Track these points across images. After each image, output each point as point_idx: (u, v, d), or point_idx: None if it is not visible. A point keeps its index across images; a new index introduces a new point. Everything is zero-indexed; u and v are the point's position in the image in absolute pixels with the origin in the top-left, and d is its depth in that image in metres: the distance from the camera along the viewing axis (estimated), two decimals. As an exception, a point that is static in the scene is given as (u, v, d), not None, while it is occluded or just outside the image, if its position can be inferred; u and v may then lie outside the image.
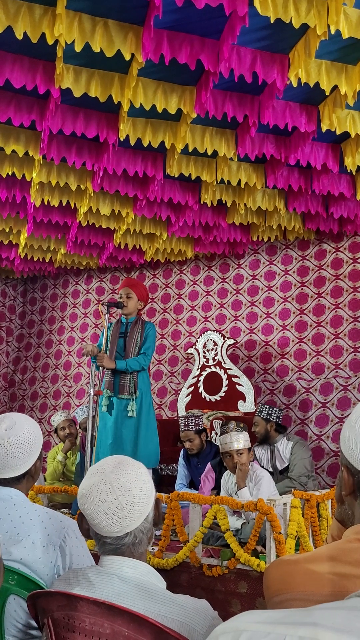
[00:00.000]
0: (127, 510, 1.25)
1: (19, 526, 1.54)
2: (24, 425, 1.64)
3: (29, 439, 1.64)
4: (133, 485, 1.27)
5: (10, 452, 1.60)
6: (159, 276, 6.64)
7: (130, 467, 1.31)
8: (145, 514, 1.28)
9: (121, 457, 1.35)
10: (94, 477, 1.29)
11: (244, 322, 6.01)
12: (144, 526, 1.28)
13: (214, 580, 2.94)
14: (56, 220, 5.08)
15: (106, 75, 3.24)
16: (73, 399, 6.84)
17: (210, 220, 5.11)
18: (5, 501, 1.60)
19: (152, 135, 3.70)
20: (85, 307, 7.04)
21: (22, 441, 1.62)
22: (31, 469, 1.66)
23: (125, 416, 3.81)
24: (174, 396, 6.15)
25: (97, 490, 1.26)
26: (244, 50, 2.99)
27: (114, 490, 1.26)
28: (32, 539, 1.52)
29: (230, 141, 3.83)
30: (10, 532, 1.53)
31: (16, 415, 1.68)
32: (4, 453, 1.60)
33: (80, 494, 1.30)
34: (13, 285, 7.48)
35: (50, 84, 3.18)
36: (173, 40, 2.91)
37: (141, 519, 1.27)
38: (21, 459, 1.62)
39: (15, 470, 1.62)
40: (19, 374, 7.34)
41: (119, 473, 1.28)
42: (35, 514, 1.59)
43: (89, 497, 1.27)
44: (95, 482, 1.28)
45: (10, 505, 1.59)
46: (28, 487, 1.69)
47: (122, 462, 1.32)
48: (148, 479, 1.32)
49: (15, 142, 3.82)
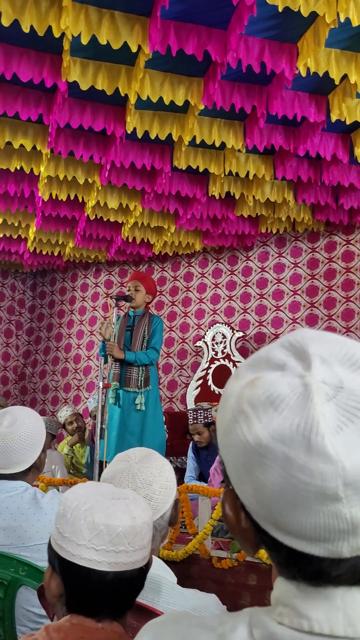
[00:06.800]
0: None
1: (30, 518, 1.55)
2: (26, 420, 1.64)
3: (32, 433, 1.63)
4: (155, 480, 1.26)
5: (14, 449, 1.60)
6: (167, 269, 6.63)
7: (156, 461, 1.31)
8: (162, 512, 1.27)
9: (149, 450, 1.34)
10: (119, 464, 1.30)
11: (253, 315, 5.99)
12: (158, 523, 1.27)
13: (223, 573, 2.95)
14: (64, 214, 5.09)
15: (113, 68, 3.22)
16: (83, 392, 6.87)
17: (218, 213, 5.09)
18: (12, 494, 1.60)
19: (159, 128, 3.68)
20: (94, 300, 7.05)
21: (25, 437, 1.61)
22: (36, 462, 1.67)
23: (132, 409, 3.82)
24: (183, 389, 6.16)
25: (119, 477, 1.26)
26: (251, 40, 2.96)
27: (135, 481, 1.26)
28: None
29: (239, 132, 3.80)
30: (20, 523, 1.54)
31: (17, 410, 1.67)
32: (8, 450, 1.59)
33: (103, 478, 1.31)
34: (22, 279, 7.51)
35: (57, 77, 3.17)
36: (180, 31, 2.88)
37: (157, 515, 1.26)
38: (25, 454, 1.62)
39: (20, 465, 1.62)
40: (30, 367, 7.38)
41: (143, 465, 1.28)
42: (44, 502, 1.60)
43: (110, 482, 1.27)
44: (119, 470, 1.28)
45: (16, 496, 1.59)
46: (33, 478, 1.70)
47: (149, 455, 1.32)
48: (171, 477, 1.31)
49: (23, 137, 3.82)
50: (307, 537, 0.52)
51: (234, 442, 0.55)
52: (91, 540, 0.94)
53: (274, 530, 0.54)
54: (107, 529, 0.93)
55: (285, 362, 0.55)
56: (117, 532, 0.94)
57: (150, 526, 1.00)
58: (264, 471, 0.52)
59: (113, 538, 0.94)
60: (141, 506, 0.99)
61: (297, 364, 0.55)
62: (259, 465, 0.53)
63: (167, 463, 1.34)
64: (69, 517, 0.95)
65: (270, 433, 0.52)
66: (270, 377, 0.55)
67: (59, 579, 0.97)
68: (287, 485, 0.51)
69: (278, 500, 0.52)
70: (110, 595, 0.95)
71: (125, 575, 0.94)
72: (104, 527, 0.94)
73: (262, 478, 0.53)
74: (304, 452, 0.50)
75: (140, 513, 0.98)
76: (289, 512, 0.52)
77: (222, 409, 0.59)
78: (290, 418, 0.51)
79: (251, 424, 0.53)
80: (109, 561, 0.93)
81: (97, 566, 0.93)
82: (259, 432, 0.52)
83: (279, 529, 0.54)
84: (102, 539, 0.93)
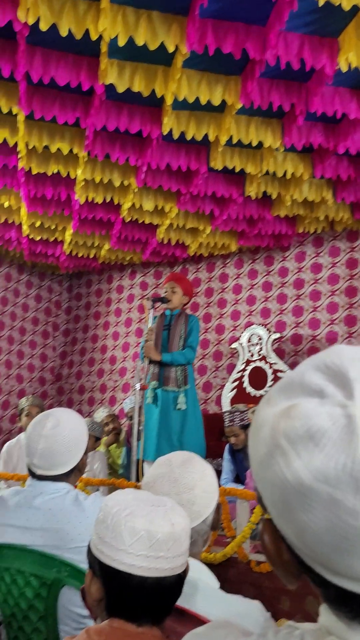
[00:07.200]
0: (186, 508, 1.23)
1: (72, 519, 1.55)
2: (69, 422, 1.63)
3: (75, 435, 1.63)
4: (197, 485, 1.25)
5: (57, 451, 1.60)
6: (202, 270, 6.60)
7: (198, 465, 1.29)
8: (205, 516, 1.25)
9: (190, 454, 1.32)
10: (160, 468, 1.28)
11: (290, 316, 5.91)
12: (201, 527, 1.25)
13: (262, 577, 2.90)
14: (100, 216, 5.12)
15: (149, 69, 3.23)
16: (119, 393, 6.91)
17: (254, 213, 5.03)
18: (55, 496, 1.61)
19: (195, 128, 3.66)
20: (130, 302, 7.08)
21: (68, 439, 1.61)
22: (78, 464, 1.67)
23: (171, 408, 3.80)
24: (219, 391, 6.12)
25: (160, 482, 1.25)
26: (291, 35, 2.91)
27: (177, 485, 1.24)
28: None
29: (277, 131, 3.75)
30: (62, 525, 1.54)
31: (60, 412, 1.67)
32: (52, 452, 1.60)
33: (144, 482, 1.30)
34: (59, 281, 7.61)
35: (94, 80, 3.20)
36: (218, 29, 2.86)
37: (199, 519, 1.24)
38: (68, 456, 1.62)
39: (63, 467, 1.62)
40: (66, 368, 7.47)
41: (185, 469, 1.26)
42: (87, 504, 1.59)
43: (152, 487, 1.26)
44: (160, 474, 1.27)
45: (59, 498, 1.60)
46: (75, 480, 1.70)
47: (191, 459, 1.30)
48: (213, 481, 1.30)
49: (60, 140, 3.86)
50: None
51: (271, 478, 0.51)
52: (131, 546, 0.94)
53: (321, 569, 0.50)
54: (148, 534, 0.94)
55: (323, 388, 0.50)
56: (157, 538, 0.94)
57: (188, 534, 1.00)
58: (307, 512, 0.48)
59: (153, 544, 0.94)
60: (180, 514, 1.00)
61: (336, 390, 0.50)
62: (300, 505, 0.48)
63: (209, 467, 1.32)
64: (109, 523, 0.96)
65: (312, 472, 0.47)
66: (307, 407, 0.50)
67: (100, 583, 0.98)
68: (335, 529, 0.47)
69: (324, 543, 0.48)
70: (149, 601, 0.95)
71: (165, 581, 0.95)
72: (144, 533, 0.94)
73: (304, 519, 0.48)
74: (352, 493, 0.46)
75: (179, 520, 0.98)
76: (338, 555, 0.47)
77: (256, 439, 0.54)
78: (335, 456, 0.47)
79: (290, 460, 0.49)
80: (148, 566, 0.94)
81: (137, 571, 0.94)
82: (300, 471, 0.48)
83: (326, 568, 0.49)
84: (142, 544, 0.94)
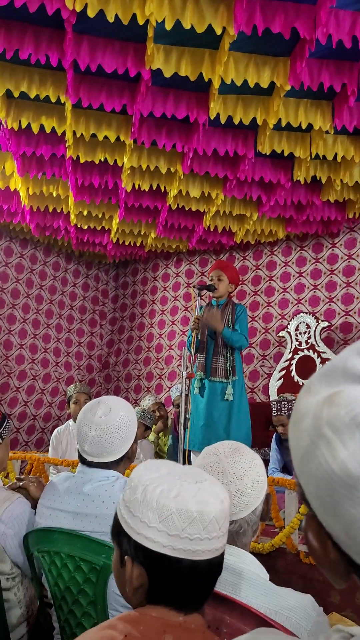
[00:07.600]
0: (235, 498, 1.22)
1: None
2: (120, 410, 1.65)
3: (125, 423, 1.64)
4: (246, 475, 1.24)
5: (108, 438, 1.61)
6: (249, 258, 6.52)
7: (246, 455, 1.28)
8: (254, 507, 1.24)
9: (238, 444, 1.31)
10: (208, 457, 1.28)
11: (339, 304, 5.76)
12: (250, 518, 1.24)
13: (311, 569, 2.86)
14: (147, 204, 5.12)
15: (196, 53, 3.17)
16: (165, 381, 6.95)
17: (303, 199, 4.91)
18: (104, 483, 1.62)
19: (243, 112, 3.59)
20: (175, 290, 7.08)
21: (119, 427, 1.62)
22: (128, 451, 1.68)
23: (218, 399, 3.78)
24: (266, 380, 6.06)
25: (209, 471, 1.24)
26: (342, 13, 2.80)
27: (226, 475, 1.23)
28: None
29: (327, 113, 3.63)
30: (111, 512, 1.55)
31: (111, 400, 1.68)
32: (102, 439, 1.61)
33: None
34: (105, 269, 7.69)
35: (140, 65, 3.17)
36: (266, 9, 2.78)
37: (249, 510, 1.23)
38: (119, 444, 1.63)
39: (113, 455, 1.64)
40: (113, 356, 7.57)
41: (233, 459, 1.25)
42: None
43: None
44: (208, 464, 1.26)
45: (108, 485, 1.61)
46: (125, 468, 1.72)
47: (239, 449, 1.29)
48: (262, 471, 1.28)
49: (107, 128, 3.87)
50: None
51: (316, 472, 0.48)
52: (184, 530, 0.91)
53: None
54: (200, 516, 0.91)
55: None
56: (210, 519, 0.92)
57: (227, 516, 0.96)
58: (356, 505, 0.45)
59: (207, 525, 0.91)
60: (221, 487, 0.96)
61: None
62: (348, 498, 0.46)
63: (257, 457, 1.30)
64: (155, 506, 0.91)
65: None
66: (352, 393, 0.47)
67: (141, 569, 0.94)
68: None
69: None
70: (200, 585, 0.93)
71: (214, 561, 0.93)
72: (197, 515, 0.91)
73: (353, 512, 0.46)
74: None
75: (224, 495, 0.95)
76: None
77: (297, 430, 0.52)
78: None
79: (335, 450, 0.46)
80: (203, 549, 0.91)
81: (191, 556, 0.91)
82: (346, 461, 0.45)
83: None
84: (196, 527, 0.91)
